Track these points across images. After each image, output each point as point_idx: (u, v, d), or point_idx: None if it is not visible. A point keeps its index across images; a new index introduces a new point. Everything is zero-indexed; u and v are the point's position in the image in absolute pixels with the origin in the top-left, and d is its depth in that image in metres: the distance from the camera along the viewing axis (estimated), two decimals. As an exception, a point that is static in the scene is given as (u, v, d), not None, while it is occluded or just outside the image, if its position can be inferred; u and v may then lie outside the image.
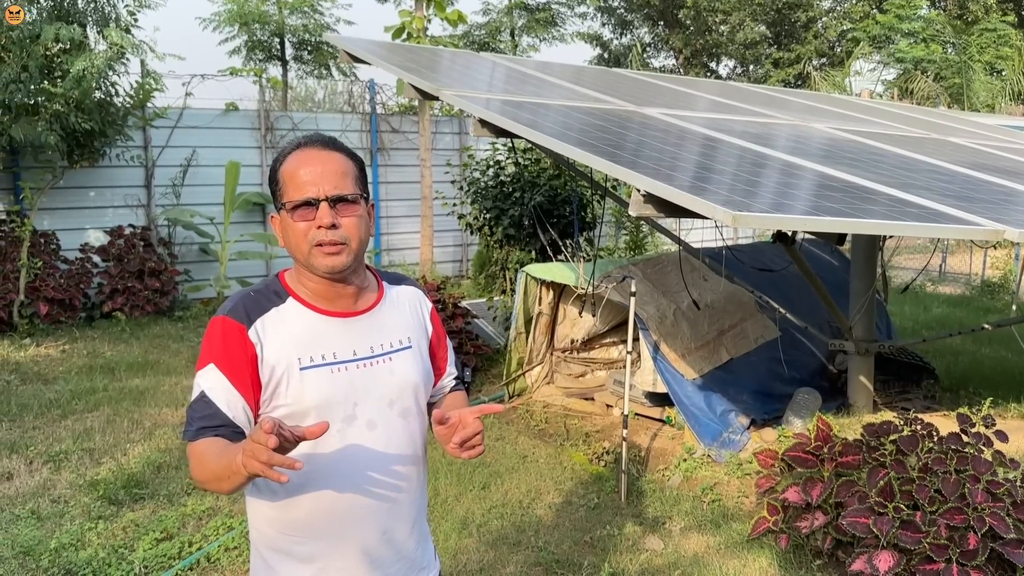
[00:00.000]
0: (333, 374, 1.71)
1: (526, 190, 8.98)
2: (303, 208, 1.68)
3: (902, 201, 3.42)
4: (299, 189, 1.68)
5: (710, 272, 6.32)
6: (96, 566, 3.77)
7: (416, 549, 1.88)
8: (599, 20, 25.38)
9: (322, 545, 1.74)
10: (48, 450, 5.27)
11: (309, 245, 1.68)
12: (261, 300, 1.73)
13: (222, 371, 1.66)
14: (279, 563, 1.76)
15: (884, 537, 3.33)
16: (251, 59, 14.04)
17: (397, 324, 1.84)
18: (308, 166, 1.69)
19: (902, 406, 5.89)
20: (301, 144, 1.74)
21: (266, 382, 1.68)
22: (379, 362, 1.78)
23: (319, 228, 1.67)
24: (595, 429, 5.79)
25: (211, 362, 1.67)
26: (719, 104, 6.32)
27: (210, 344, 1.69)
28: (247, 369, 1.67)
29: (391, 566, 1.82)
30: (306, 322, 1.73)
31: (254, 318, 1.70)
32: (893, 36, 20.18)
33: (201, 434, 1.63)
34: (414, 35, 11.34)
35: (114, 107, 8.85)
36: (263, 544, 1.78)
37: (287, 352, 1.69)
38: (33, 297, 8.57)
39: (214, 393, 1.65)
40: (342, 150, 1.76)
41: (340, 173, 1.71)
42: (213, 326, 1.70)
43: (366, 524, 1.77)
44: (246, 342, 1.67)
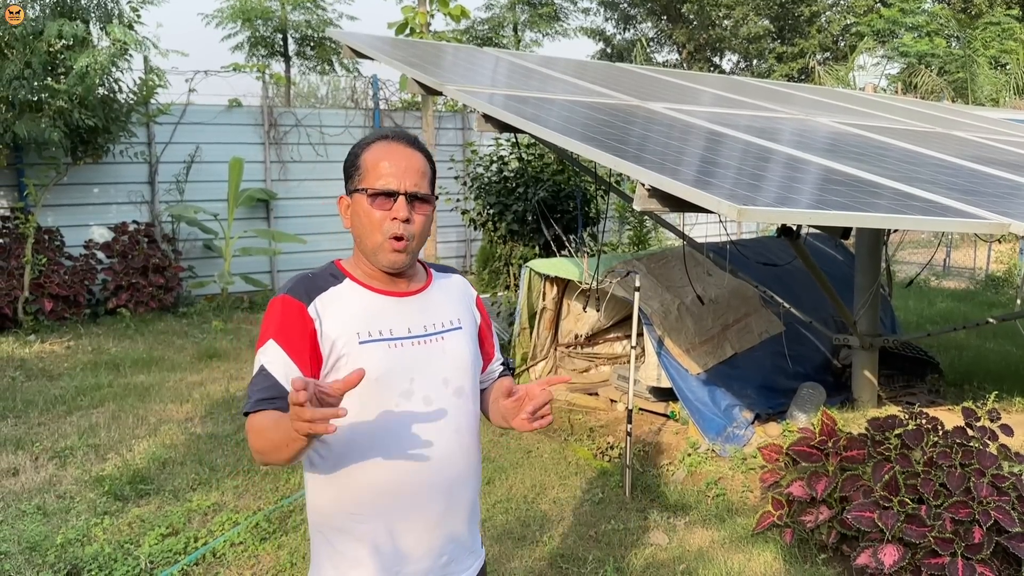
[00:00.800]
0: (390, 349, 1.76)
1: (530, 185, 8.97)
2: (383, 198, 1.75)
3: (907, 195, 3.42)
4: (381, 178, 1.76)
5: (714, 267, 6.31)
6: (102, 561, 3.78)
7: (468, 532, 1.91)
8: (602, 15, 25.36)
9: (383, 523, 1.77)
10: (53, 446, 5.29)
11: (383, 236, 1.76)
12: (318, 281, 1.80)
13: (281, 346, 1.71)
14: (341, 542, 1.79)
15: (889, 531, 3.33)
16: (254, 55, 14.05)
17: (447, 306, 1.90)
18: (393, 159, 1.77)
19: (906, 400, 5.89)
20: (387, 136, 1.81)
21: (327, 355, 1.73)
22: (432, 340, 1.83)
23: (393, 220, 1.75)
24: (599, 424, 5.79)
25: (270, 338, 1.72)
26: (723, 99, 6.31)
27: (269, 322, 1.75)
28: (306, 344, 1.72)
29: (447, 547, 1.85)
30: (363, 300, 1.79)
31: (313, 296, 1.76)
32: (897, 30, 20.12)
33: (259, 406, 1.68)
34: (417, 30, 11.34)
35: (117, 103, 8.86)
36: (324, 525, 1.82)
37: (347, 327, 1.74)
38: (38, 294, 8.59)
39: (273, 367, 1.70)
40: (423, 151, 1.84)
41: (420, 172, 1.79)
42: (273, 305, 1.76)
43: (425, 504, 1.80)
44: (305, 318, 1.73)
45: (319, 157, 11.23)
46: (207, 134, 10.47)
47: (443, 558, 1.84)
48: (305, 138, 11.11)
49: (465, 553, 1.90)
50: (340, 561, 1.80)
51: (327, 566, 1.82)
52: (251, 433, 1.68)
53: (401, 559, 1.79)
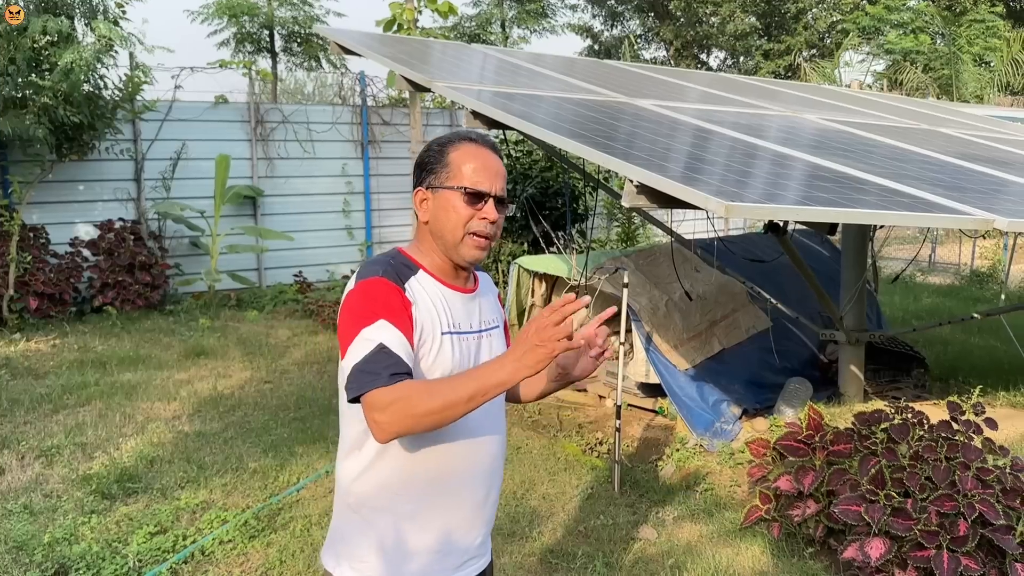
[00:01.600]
0: (461, 342, 1.85)
1: (518, 182, 8.97)
2: (474, 197, 1.81)
3: (893, 191, 3.44)
4: (474, 179, 1.82)
5: (702, 263, 6.34)
6: (90, 560, 3.76)
7: (494, 516, 2.01)
8: (590, 12, 25.36)
9: (431, 504, 1.83)
10: (40, 445, 5.26)
11: (466, 231, 1.82)
12: (401, 268, 1.83)
13: (395, 325, 1.71)
14: (384, 522, 1.83)
15: (875, 524, 3.36)
16: (240, 51, 13.96)
17: (490, 306, 2.00)
18: (484, 161, 1.84)
19: (893, 395, 5.93)
20: (473, 139, 1.88)
21: (416, 340, 1.76)
22: (484, 336, 1.93)
23: (482, 219, 1.82)
24: (588, 420, 5.81)
25: (381, 317, 1.70)
26: (710, 95, 6.33)
27: (373, 301, 1.73)
28: (409, 324, 1.74)
29: (481, 528, 1.93)
30: (440, 292, 1.85)
31: (404, 280, 1.80)
32: (883, 27, 20.23)
33: (395, 378, 1.64)
34: (405, 27, 11.30)
35: (103, 100, 8.79)
36: (364, 506, 1.84)
37: (432, 315, 1.80)
38: (23, 292, 8.53)
39: (395, 347, 1.69)
40: (501, 157, 1.93)
41: (504, 176, 1.88)
42: (371, 286, 1.74)
43: (470, 486, 1.87)
44: (405, 300, 1.76)
45: (306, 154, 11.18)
46: (193, 131, 10.41)
47: (479, 540, 1.93)
48: (292, 135, 11.07)
49: (488, 536, 2.01)
50: (382, 541, 1.83)
51: (363, 545, 1.84)
52: (404, 401, 1.62)
53: (446, 541, 1.86)
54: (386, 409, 1.63)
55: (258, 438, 5.45)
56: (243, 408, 6.10)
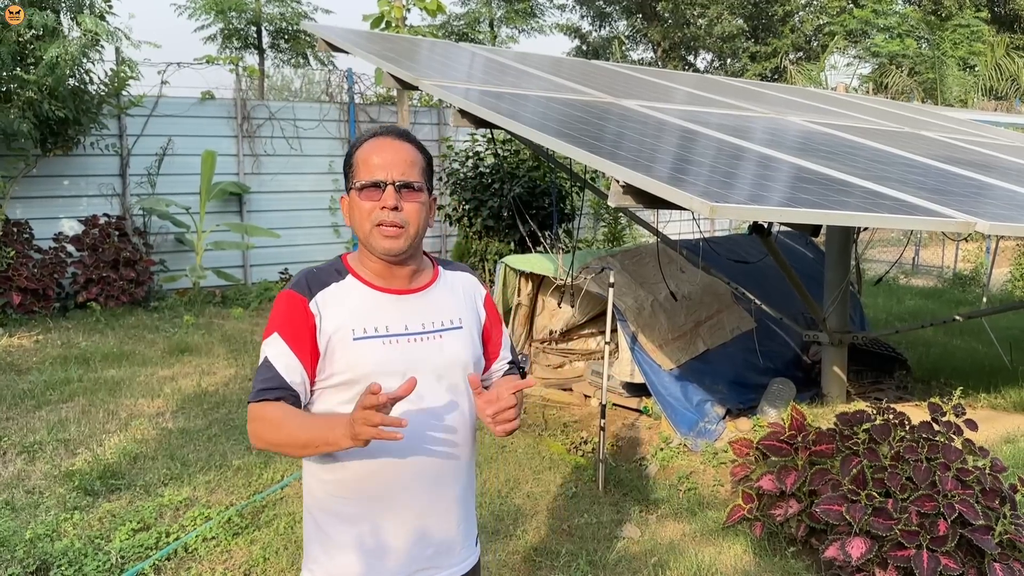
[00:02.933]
0: (385, 345, 1.83)
1: (505, 181, 8.99)
2: (371, 189, 1.82)
3: (876, 193, 3.47)
4: (370, 172, 1.83)
5: (687, 264, 6.37)
6: (72, 556, 3.75)
7: (458, 529, 1.95)
8: (578, 12, 25.40)
9: (367, 507, 1.85)
10: (22, 441, 5.22)
11: (371, 224, 1.82)
12: (322, 276, 1.88)
13: (284, 339, 1.81)
14: (328, 524, 1.88)
15: (857, 524, 3.39)
16: (227, 47, 13.90)
17: (449, 305, 1.94)
18: (381, 152, 1.84)
19: (875, 396, 5.98)
20: (378, 133, 1.89)
21: (323, 350, 1.81)
22: (429, 338, 1.88)
23: (383, 209, 1.81)
24: (573, 419, 5.83)
25: (275, 331, 1.82)
26: (696, 97, 6.36)
27: (276, 315, 1.84)
28: (307, 338, 1.81)
29: (432, 539, 1.89)
30: (362, 297, 1.86)
31: (315, 291, 1.84)
32: (869, 31, 20.36)
33: (262, 395, 1.79)
34: (393, 24, 11.29)
35: (88, 95, 8.74)
36: (315, 507, 1.91)
37: (343, 323, 1.82)
38: (6, 287, 8.46)
39: (276, 360, 1.80)
40: (414, 143, 1.89)
41: (409, 162, 1.85)
42: (279, 299, 1.86)
43: (410, 493, 1.86)
44: (307, 313, 1.81)
45: (293, 151, 11.15)
46: (179, 127, 10.35)
47: (429, 550, 1.89)
48: (279, 131, 11.03)
49: (456, 548, 1.94)
50: (327, 542, 1.88)
51: (316, 547, 1.91)
52: (260, 422, 1.78)
53: (384, 546, 1.86)
54: (250, 424, 1.80)
55: (242, 435, 5.44)
56: (227, 405, 6.08)
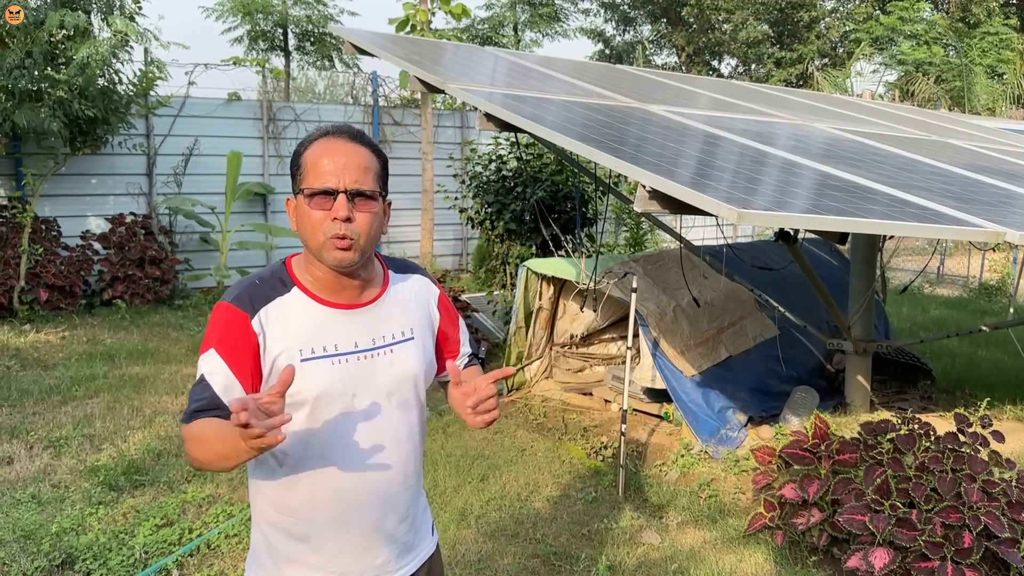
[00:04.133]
0: (333, 366, 1.72)
1: (528, 185, 8.99)
2: (321, 197, 1.68)
3: (903, 201, 3.45)
4: (320, 177, 1.68)
5: (710, 270, 6.34)
6: (97, 551, 3.79)
7: (408, 532, 1.91)
8: (602, 16, 25.39)
9: (317, 528, 1.78)
10: (48, 435, 5.29)
11: (324, 236, 1.68)
12: (265, 289, 1.74)
13: (222, 357, 1.67)
14: (277, 539, 1.82)
15: (880, 534, 3.36)
16: (254, 49, 14.02)
17: (400, 316, 1.85)
18: (332, 156, 1.69)
19: (899, 406, 5.93)
20: (328, 132, 1.74)
21: (267, 372, 1.70)
22: (380, 354, 1.79)
23: (334, 220, 1.67)
24: (593, 424, 5.82)
25: (212, 347, 1.68)
26: (721, 102, 6.34)
27: (213, 329, 1.70)
28: (248, 357, 1.68)
29: (383, 548, 1.85)
30: (309, 314, 1.74)
31: (257, 308, 1.70)
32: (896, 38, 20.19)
33: (196, 416, 1.65)
34: (418, 28, 11.34)
35: (117, 95, 8.85)
36: (264, 521, 1.83)
37: (289, 343, 1.70)
38: (33, 283, 8.58)
39: (213, 378, 1.67)
40: (368, 144, 1.75)
41: (363, 168, 1.70)
42: (217, 312, 1.71)
43: (360, 511, 1.80)
44: (249, 331, 1.68)
45: (317, 152, 11.22)
46: (206, 127, 10.47)
47: (379, 559, 1.86)
48: (303, 133, 11.10)
49: (404, 551, 1.91)
50: (276, 555, 1.83)
51: (264, 556, 1.85)
52: (191, 442, 1.64)
53: (334, 559, 1.81)
54: (186, 445, 1.66)
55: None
56: (250, 404, 6.12)
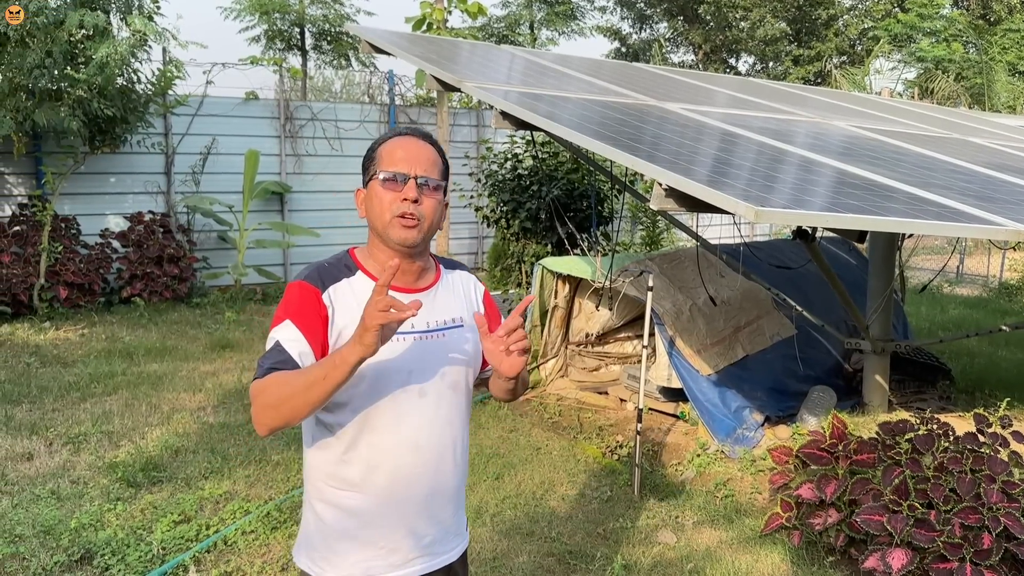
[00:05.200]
0: (393, 343, 1.82)
1: (543, 183, 8.98)
2: (393, 181, 1.85)
3: (922, 200, 3.42)
4: (393, 164, 1.86)
5: (727, 268, 6.31)
6: (115, 546, 3.82)
7: (452, 516, 2.01)
8: (618, 14, 25.31)
9: (370, 501, 1.88)
10: (68, 432, 5.34)
11: (391, 215, 1.84)
12: (333, 271, 1.89)
13: (297, 326, 1.79)
14: (330, 516, 1.91)
15: (898, 535, 3.34)
16: (271, 48, 14.09)
17: (452, 304, 1.99)
18: (406, 148, 1.88)
19: (917, 406, 5.88)
20: (403, 132, 1.93)
21: (333, 344, 1.81)
22: (434, 337, 1.92)
23: (404, 200, 1.83)
24: (608, 423, 5.81)
25: (287, 318, 1.81)
26: (738, 100, 6.31)
27: (288, 304, 1.83)
28: (319, 327, 1.81)
29: (429, 528, 1.94)
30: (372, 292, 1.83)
31: (328, 284, 1.85)
32: (915, 35, 20.02)
33: (271, 372, 1.75)
34: (434, 26, 11.35)
35: (136, 94, 8.91)
36: (317, 498, 1.93)
37: (353, 318, 1.80)
38: (53, 281, 8.67)
39: (289, 344, 1.78)
40: (436, 146, 1.94)
41: (431, 161, 1.89)
42: (291, 289, 1.85)
43: (411, 486, 1.89)
44: (320, 304, 1.82)
45: (334, 151, 11.27)
46: (223, 126, 10.52)
47: (426, 538, 1.94)
48: (320, 132, 11.16)
49: (449, 535, 2.00)
50: (327, 533, 1.91)
51: (315, 536, 1.94)
52: (262, 393, 1.73)
53: (384, 535, 1.90)
54: (254, 401, 1.76)
55: (281, 431, 5.50)
56: (267, 401, 6.16)
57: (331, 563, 1.91)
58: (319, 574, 1.92)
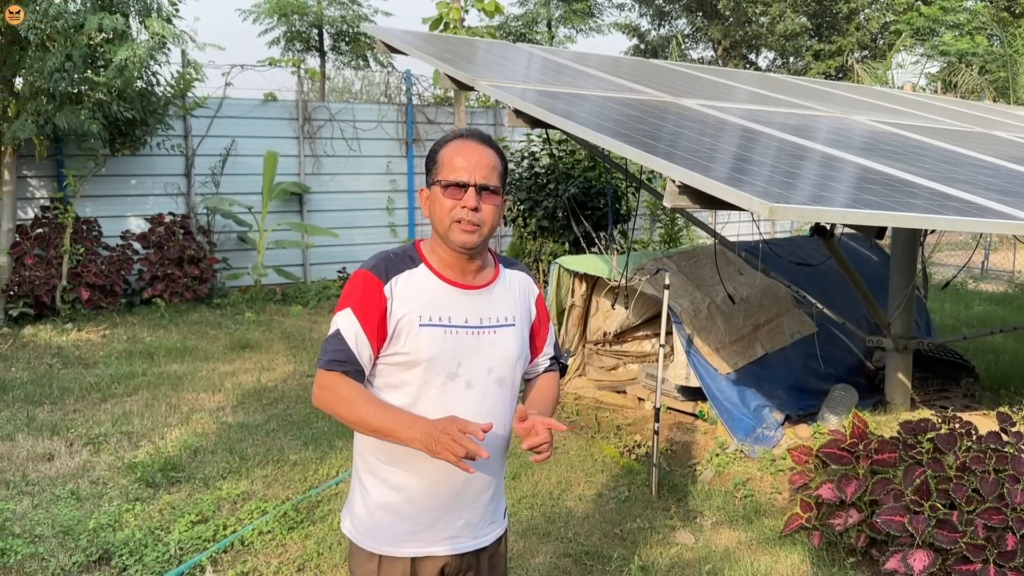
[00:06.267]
0: (446, 334, 1.97)
1: (560, 181, 8.95)
2: (454, 188, 1.95)
3: (944, 195, 3.36)
4: (454, 172, 1.95)
5: (746, 266, 6.25)
6: (133, 547, 3.84)
7: (490, 503, 2.13)
8: (637, 11, 25.18)
9: (413, 479, 2.01)
10: (88, 432, 5.38)
11: (451, 220, 1.94)
12: (398, 262, 2.01)
13: (356, 316, 1.95)
14: (374, 487, 2.06)
15: (919, 536, 3.28)
16: (290, 50, 14.15)
17: (506, 303, 2.09)
18: (465, 154, 1.97)
19: (941, 404, 5.79)
20: (463, 135, 2.02)
21: (391, 331, 1.95)
22: (485, 332, 2.03)
23: (463, 208, 1.93)
24: (626, 422, 5.77)
25: (349, 307, 1.97)
26: (758, 96, 6.25)
27: (351, 291, 1.98)
28: (376, 316, 1.95)
29: (464, 512, 2.07)
30: (431, 287, 2.00)
31: (391, 276, 1.98)
32: (937, 28, 19.76)
33: (332, 365, 1.95)
34: (451, 26, 11.35)
35: (155, 96, 8.97)
36: (364, 470, 2.08)
37: (412, 308, 1.96)
38: (75, 283, 8.75)
39: (346, 332, 1.95)
40: (495, 148, 2.02)
41: (490, 166, 1.97)
42: (356, 278, 1.99)
43: (452, 468, 1.94)
44: (381, 295, 1.95)
45: (352, 151, 11.29)
46: (243, 128, 10.57)
47: (460, 521, 2.07)
48: (338, 132, 11.18)
49: (485, 521, 2.13)
50: (369, 501, 2.06)
51: (358, 502, 2.10)
52: (331, 393, 1.95)
53: (422, 512, 2.03)
54: (321, 390, 1.97)
55: (299, 431, 5.52)
56: (285, 401, 6.18)
57: (371, 532, 2.05)
58: (360, 541, 2.07)
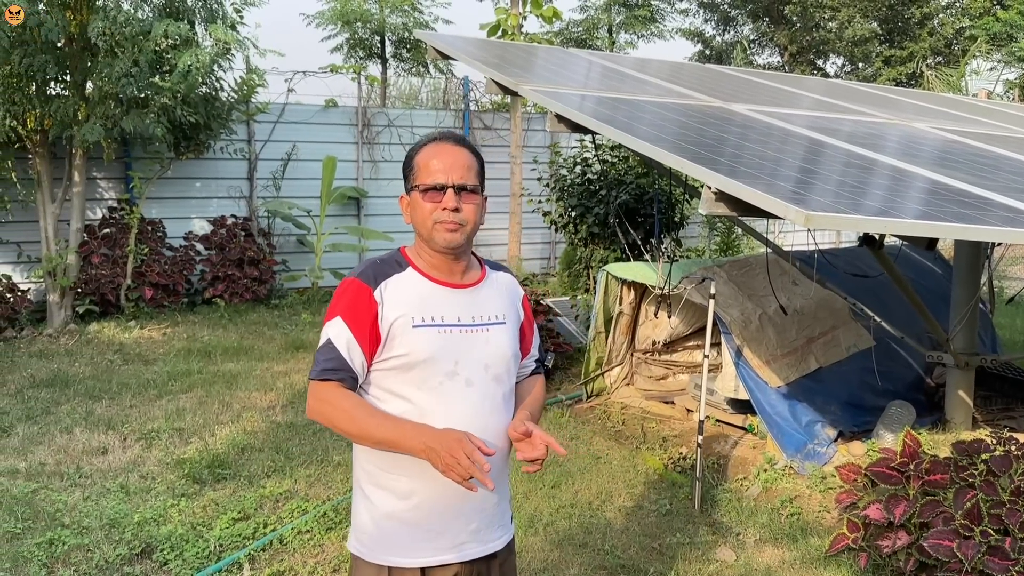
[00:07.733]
0: (440, 334, 1.98)
1: (612, 188, 8.88)
2: (432, 191, 1.97)
3: (1006, 207, 3.20)
4: (431, 175, 1.98)
5: (801, 276, 6.09)
6: (174, 542, 3.92)
7: (498, 505, 2.11)
8: (701, 16, 24.85)
9: (417, 484, 1.98)
10: (141, 428, 5.53)
11: (433, 222, 1.97)
12: (385, 267, 2.02)
13: (346, 323, 1.96)
14: (378, 497, 2.03)
15: (968, 562, 3.13)
16: (352, 56, 14.36)
17: (495, 302, 2.11)
18: (441, 156, 1.99)
19: (1005, 424, 5.55)
20: (436, 138, 2.04)
21: (384, 335, 1.96)
22: (478, 331, 2.04)
23: (443, 209, 1.96)
24: (673, 433, 5.67)
25: (338, 315, 1.97)
26: (824, 103, 6.09)
27: (339, 300, 1.99)
28: (368, 322, 1.95)
29: (475, 515, 2.04)
30: (420, 288, 2.01)
31: (379, 281, 1.99)
32: (1015, 34, 19.02)
33: (325, 374, 1.95)
34: (509, 32, 11.37)
35: (219, 101, 9.20)
36: (367, 481, 2.06)
37: (403, 311, 1.96)
38: (139, 282, 9.01)
39: (338, 340, 1.96)
40: (468, 147, 2.05)
41: (466, 166, 2.00)
42: (344, 286, 2.01)
43: None
44: (371, 301, 1.96)
45: (409, 157, 11.39)
46: (304, 133, 10.77)
47: (472, 524, 2.04)
48: (396, 138, 11.30)
49: (494, 526, 2.10)
50: (375, 512, 2.03)
51: (363, 515, 2.06)
52: (328, 406, 1.94)
53: (431, 518, 2.00)
54: (317, 402, 1.96)
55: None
56: (333, 403, 6.24)
57: (379, 544, 2.02)
58: (368, 555, 2.03)
